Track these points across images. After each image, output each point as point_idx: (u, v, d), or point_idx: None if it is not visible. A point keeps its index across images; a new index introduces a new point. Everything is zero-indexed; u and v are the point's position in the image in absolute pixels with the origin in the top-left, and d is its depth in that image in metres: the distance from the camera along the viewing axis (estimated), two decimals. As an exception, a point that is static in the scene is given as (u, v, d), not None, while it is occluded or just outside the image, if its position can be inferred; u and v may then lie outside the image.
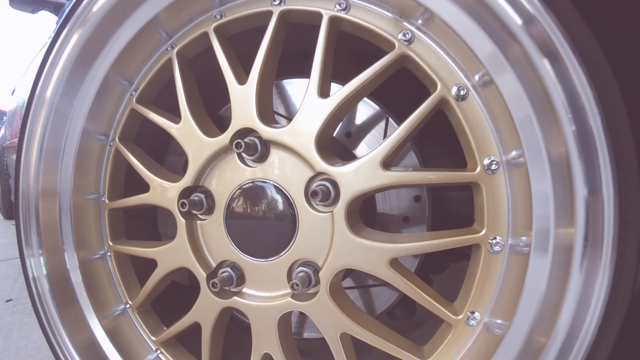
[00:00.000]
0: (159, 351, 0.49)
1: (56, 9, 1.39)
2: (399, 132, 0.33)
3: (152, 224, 0.58)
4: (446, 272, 0.64)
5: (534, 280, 0.31)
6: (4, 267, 1.66)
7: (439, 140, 0.51)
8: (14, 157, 1.82)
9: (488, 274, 0.35)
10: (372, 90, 0.38)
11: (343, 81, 0.45)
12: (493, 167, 0.34)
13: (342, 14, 0.38)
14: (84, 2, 0.44)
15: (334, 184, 0.36)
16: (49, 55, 0.47)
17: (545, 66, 0.27)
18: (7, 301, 1.30)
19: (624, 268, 0.27)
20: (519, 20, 0.27)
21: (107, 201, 0.50)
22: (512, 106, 0.30)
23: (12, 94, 2.22)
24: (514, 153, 0.32)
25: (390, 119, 0.47)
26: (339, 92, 0.35)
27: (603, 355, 0.28)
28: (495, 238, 0.34)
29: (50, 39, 0.48)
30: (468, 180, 0.34)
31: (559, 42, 0.26)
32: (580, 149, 0.27)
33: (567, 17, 0.26)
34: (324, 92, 0.36)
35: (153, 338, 0.49)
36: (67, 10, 0.46)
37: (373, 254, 0.34)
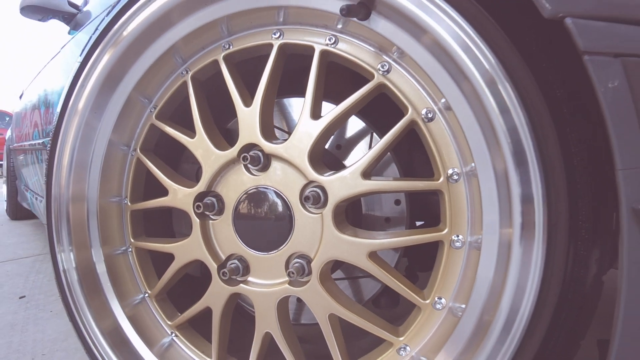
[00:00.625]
0: (173, 334, 0.57)
1: (67, 19, 1.45)
2: (375, 148, 0.41)
3: (168, 223, 0.66)
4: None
5: (484, 271, 0.38)
6: (15, 266, 1.73)
7: (413, 154, 0.59)
8: (21, 158, 1.90)
9: (451, 266, 0.42)
10: (356, 112, 0.46)
11: (333, 99, 0.53)
12: (455, 177, 0.41)
13: (331, 48, 0.45)
14: (116, 26, 0.52)
15: (323, 190, 0.44)
16: (81, 74, 0.55)
17: (490, 101, 0.35)
18: (20, 298, 1.37)
19: (554, 261, 0.35)
20: (470, 64, 0.35)
21: (129, 204, 0.58)
22: (466, 129, 0.38)
23: (20, 97, 2.30)
24: (471, 166, 0.40)
25: (374, 133, 0.55)
26: (327, 115, 0.43)
27: (540, 331, 0.36)
28: (457, 236, 0.42)
29: (82, 58, 0.56)
30: (433, 188, 0.41)
31: (502, 85, 0.34)
32: (516, 166, 0.34)
33: (511, 64, 0.34)
34: (315, 114, 0.44)
35: (169, 322, 0.57)
36: (100, 31, 0.53)
37: (354, 247, 0.42)
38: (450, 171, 0.41)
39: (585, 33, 0.27)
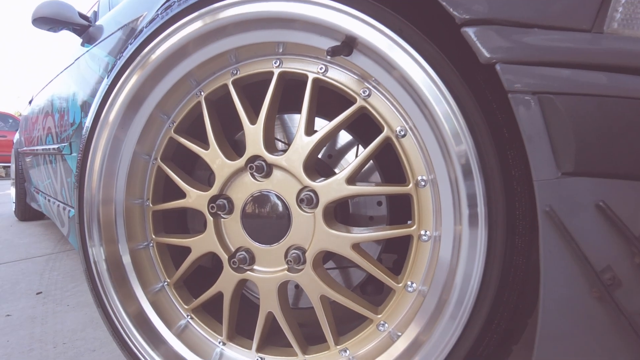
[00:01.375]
0: (189, 316, 0.68)
1: (77, 31, 1.53)
2: (356, 161, 0.51)
3: (183, 221, 0.77)
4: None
5: (443, 259, 0.48)
6: (30, 265, 1.84)
7: (391, 163, 0.69)
8: (31, 161, 2.00)
9: (419, 256, 0.52)
10: (343, 128, 0.56)
11: (324, 115, 0.63)
12: (422, 183, 0.51)
13: (322, 76, 0.55)
14: (145, 50, 0.62)
15: (315, 194, 0.54)
16: (110, 93, 0.65)
17: (445, 126, 0.44)
18: (37, 293, 1.48)
19: (495, 251, 0.44)
20: (428, 95, 0.45)
21: (150, 205, 0.68)
22: (428, 145, 0.48)
23: (30, 103, 2.40)
24: (433, 174, 0.49)
25: (360, 145, 0.65)
26: (318, 132, 0.53)
27: (485, 307, 0.46)
28: (425, 231, 0.52)
29: (111, 80, 0.66)
30: (404, 192, 0.51)
31: (453, 113, 0.44)
32: (464, 176, 0.44)
33: (461, 96, 0.43)
34: (308, 131, 0.54)
35: (185, 307, 0.67)
36: (130, 53, 0.63)
37: (340, 240, 0.52)
38: (418, 178, 0.51)
39: (509, 75, 0.37)
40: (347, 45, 0.48)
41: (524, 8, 0.37)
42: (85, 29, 1.44)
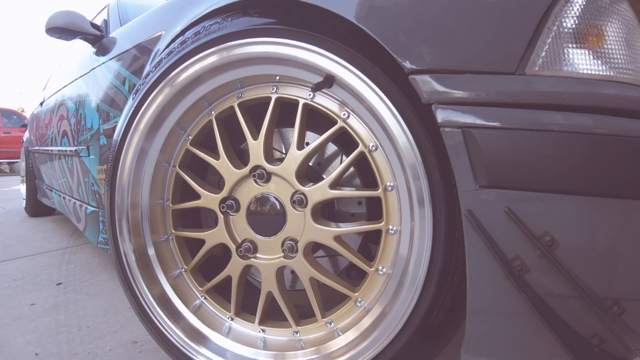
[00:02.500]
0: (203, 297, 0.83)
1: (90, 40, 1.65)
2: (337, 170, 0.66)
3: (197, 217, 0.92)
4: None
5: (402, 248, 0.62)
6: (47, 258, 2.00)
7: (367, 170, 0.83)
8: (44, 160, 2.16)
9: (387, 246, 0.67)
10: (327, 144, 0.71)
11: (314, 129, 0.78)
12: (389, 188, 0.66)
13: (310, 101, 0.70)
14: (166, 79, 0.76)
15: (305, 196, 0.69)
16: (138, 111, 0.79)
17: (400, 145, 0.59)
18: (57, 284, 1.63)
19: (439, 242, 0.58)
20: (389, 121, 0.59)
21: (170, 205, 0.84)
22: (391, 159, 0.62)
23: (41, 104, 2.55)
24: (396, 181, 0.64)
25: (343, 154, 0.79)
26: (307, 147, 0.68)
27: (432, 286, 0.60)
28: (392, 226, 0.66)
29: (138, 100, 0.80)
30: (375, 195, 0.66)
31: (406, 135, 0.58)
32: (414, 182, 0.59)
33: (413, 122, 0.58)
34: (300, 146, 0.69)
35: (200, 288, 0.83)
36: (153, 80, 0.77)
37: (325, 233, 0.67)
38: (387, 184, 0.65)
39: (441, 114, 0.51)
40: (328, 81, 0.63)
41: (457, 58, 0.52)
42: (98, 39, 1.58)
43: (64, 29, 1.54)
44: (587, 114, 0.47)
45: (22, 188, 3.41)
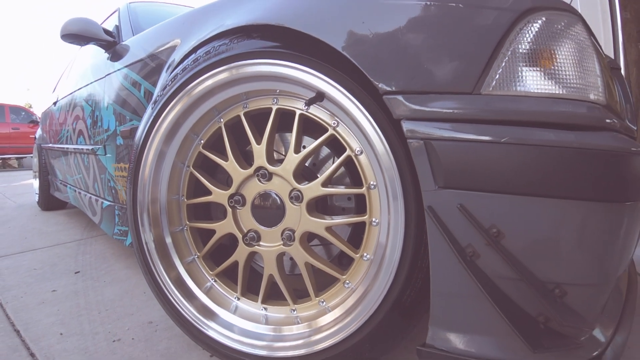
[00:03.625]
0: (213, 279, 0.97)
1: (104, 45, 1.77)
2: (328, 171, 0.79)
3: (208, 210, 1.06)
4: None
5: (382, 237, 0.74)
6: (63, 249, 2.14)
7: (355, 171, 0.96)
8: (58, 157, 2.31)
9: (371, 236, 0.79)
10: (320, 148, 0.83)
11: (310, 134, 0.91)
12: (372, 186, 0.78)
13: (305, 112, 0.83)
14: (188, 87, 0.88)
15: (301, 193, 0.82)
16: (157, 119, 0.92)
17: (378, 150, 0.71)
18: (75, 273, 1.77)
19: (410, 231, 0.70)
20: (369, 131, 0.72)
21: (185, 200, 0.97)
22: (372, 162, 0.75)
23: (55, 104, 2.69)
24: (377, 181, 0.77)
25: (335, 157, 0.92)
26: (303, 151, 0.81)
27: (404, 270, 0.72)
28: (374, 219, 0.79)
29: (157, 109, 0.93)
30: (361, 192, 0.79)
31: (383, 143, 0.70)
32: (390, 182, 0.71)
33: (389, 133, 0.70)
34: (297, 150, 0.82)
35: (210, 272, 0.96)
36: (170, 93, 0.90)
37: (317, 224, 0.80)
38: (370, 182, 0.78)
39: (408, 128, 0.63)
40: (320, 96, 0.76)
41: (422, 81, 0.64)
42: (112, 45, 1.70)
43: (78, 35, 1.65)
44: (525, 127, 0.59)
45: (35, 183, 3.56)
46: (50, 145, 2.75)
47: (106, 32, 1.74)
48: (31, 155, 9.35)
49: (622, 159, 0.60)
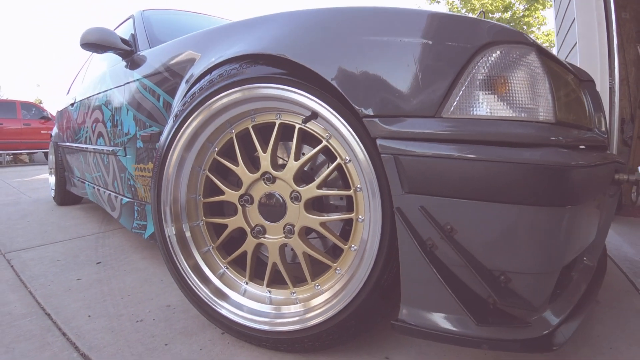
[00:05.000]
0: (225, 267, 1.16)
1: (121, 54, 1.95)
2: (322, 176, 0.97)
3: (220, 207, 1.24)
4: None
5: (365, 232, 0.92)
6: (82, 242, 2.33)
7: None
8: (76, 155, 2.52)
9: (357, 230, 0.97)
10: (316, 156, 1.01)
11: (308, 143, 1.09)
12: (358, 189, 0.96)
13: (303, 126, 1.00)
14: (210, 101, 1.04)
15: (300, 194, 1.00)
16: (180, 129, 1.10)
17: (361, 160, 0.89)
18: (97, 263, 1.96)
19: (385, 227, 0.88)
20: (354, 144, 0.89)
21: (201, 199, 1.16)
22: (357, 169, 0.92)
23: (72, 105, 2.88)
24: (362, 184, 0.94)
25: (330, 163, 1.10)
26: (301, 159, 0.99)
27: (381, 259, 0.89)
28: (360, 216, 0.97)
29: (179, 121, 1.11)
30: (349, 194, 0.96)
31: (364, 154, 0.88)
32: (370, 185, 0.88)
33: (370, 147, 0.87)
34: (296, 157, 1.00)
35: (223, 260, 1.15)
36: (190, 108, 1.08)
37: (313, 220, 0.99)
38: (357, 186, 0.96)
39: (381, 145, 0.81)
40: (314, 115, 0.94)
41: (393, 107, 0.81)
42: (129, 54, 1.89)
43: (97, 44, 1.84)
44: (476, 145, 0.76)
45: (51, 179, 3.79)
46: (67, 144, 2.96)
47: (123, 41, 1.92)
48: (42, 150, 9.65)
49: (560, 172, 0.73)
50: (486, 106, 0.79)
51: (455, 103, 0.79)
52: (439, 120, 0.77)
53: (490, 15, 13.48)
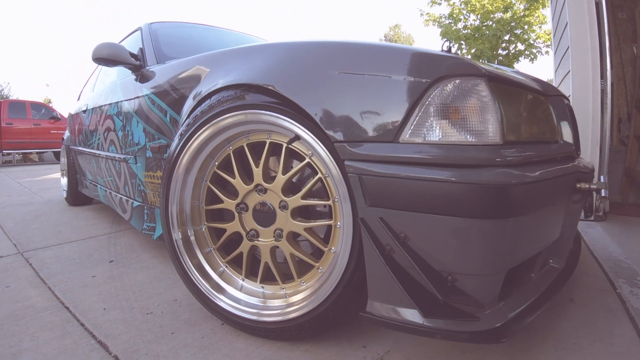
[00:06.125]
0: (225, 265, 1.36)
1: (130, 68, 2.16)
2: (305, 188, 1.16)
3: (220, 214, 1.44)
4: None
5: (340, 236, 1.11)
6: (95, 242, 2.54)
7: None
8: (88, 160, 2.76)
9: (336, 235, 1.15)
10: (302, 170, 1.20)
11: (296, 158, 1.28)
12: (336, 199, 1.14)
13: (290, 145, 1.19)
14: (216, 119, 1.24)
15: (287, 203, 1.19)
16: (187, 143, 1.30)
17: (335, 176, 1.07)
18: (110, 261, 2.15)
19: (356, 233, 1.07)
20: (330, 163, 1.07)
21: (204, 206, 1.36)
22: (333, 183, 1.11)
23: (84, 112, 3.10)
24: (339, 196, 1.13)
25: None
26: (289, 172, 1.18)
27: (353, 261, 1.08)
28: (337, 223, 1.15)
29: (186, 137, 1.31)
30: (328, 204, 1.15)
31: (338, 171, 1.06)
32: (343, 199, 1.07)
33: (339, 162, 1.06)
34: (284, 172, 1.19)
35: (222, 260, 1.35)
36: (194, 127, 1.28)
37: (298, 226, 1.18)
38: (335, 197, 1.14)
39: (348, 165, 0.99)
40: (297, 137, 1.12)
41: (358, 134, 0.99)
42: (138, 68, 2.09)
43: (108, 59, 2.04)
44: (423, 166, 0.93)
45: (63, 180, 4.03)
46: (80, 148, 3.19)
47: (132, 55, 2.12)
48: (51, 150, 9.98)
49: (501, 189, 0.85)
50: (438, 132, 0.94)
51: (411, 130, 0.95)
52: (396, 145, 0.95)
53: (491, 15, 13.53)
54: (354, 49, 1.05)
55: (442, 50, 1.11)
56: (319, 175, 1.15)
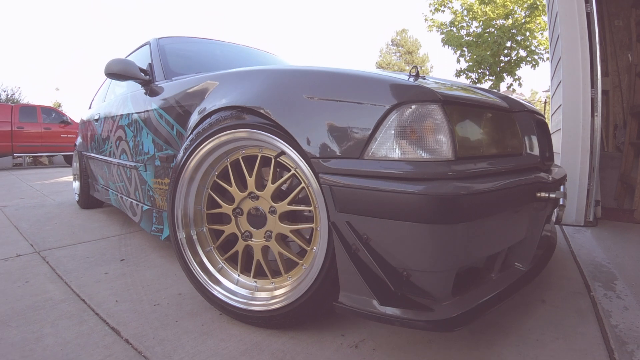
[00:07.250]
0: (223, 262, 1.60)
1: (141, 83, 2.42)
2: (291, 195, 1.39)
3: (220, 218, 1.69)
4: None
5: (319, 238, 1.34)
6: (107, 242, 2.80)
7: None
8: (100, 165, 3.05)
9: (316, 237, 1.38)
10: (289, 179, 1.44)
11: (284, 169, 1.51)
12: (317, 206, 1.37)
13: (278, 158, 1.42)
14: (215, 136, 1.50)
15: (276, 208, 1.42)
16: (192, 154, 1.55)
17: (313, 186, 1.30)
18: (121, 260, 2.39)
19: (331, 237, 1.29)
20: (310, 178, 1.30)
21: (205, 210, 1.60)
22: (312, 193, 1.34)
23: (96, 120, 3.38)
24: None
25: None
26: (278, 182, 1.41)
27: (328, 261, 1.30)
28: (318, 226, 1.38)
29: (191, 149, 1.55)
30: (311, 209, 1.38)
31: (318, 185, 1.29)
32: (321, 207, 1.30)
33: (319, 178, 1.28)
34: (273, 181, 1.43)
35: (221, 257, 1.60)
36: (198, 142, 1.52)
37: (285, 228, 1.41)
38: (316, 204, 1.37)
39: (321, 177, 1.22)
40: (282, 153, 1.36)
41: (330, 151, 1.23)
42: (148, 83, 2.35)
43: (119, 74, 2.30)
44: (383, 179, 1.15)
45: (75, 184, 4.33)
46: (92, 154, 3.47)
47: (142, 70, 2.38)
48: (61, 153, 10.39)
49: (450, 199, 1.03)
50: (398, 150, 1.16)
51: (374, 148, 1.17)
52: (361, 161, 1.18)
53: (492, 22, 13.63)
54: (329, 77, 1.29)
55: (410, 74, 1.34)
56: (302, 185, 1.38)
